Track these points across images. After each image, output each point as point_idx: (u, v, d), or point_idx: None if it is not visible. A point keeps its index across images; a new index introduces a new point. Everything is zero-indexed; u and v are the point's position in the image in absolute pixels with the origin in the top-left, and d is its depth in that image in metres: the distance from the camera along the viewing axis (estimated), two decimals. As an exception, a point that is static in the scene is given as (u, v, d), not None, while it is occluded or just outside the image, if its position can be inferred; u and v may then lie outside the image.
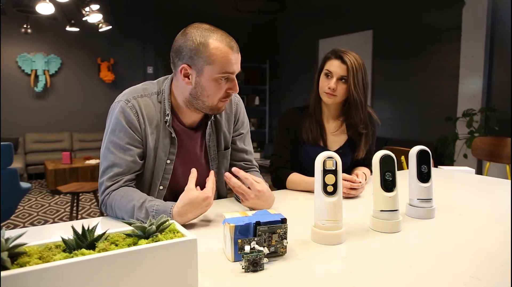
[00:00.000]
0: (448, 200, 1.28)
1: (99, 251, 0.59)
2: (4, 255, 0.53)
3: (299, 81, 6.73)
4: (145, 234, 0.65)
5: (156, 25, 6.62)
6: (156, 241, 0.63)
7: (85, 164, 5.16)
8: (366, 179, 1.46)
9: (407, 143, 2.48)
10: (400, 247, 0.89)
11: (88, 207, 4.41)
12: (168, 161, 1.19)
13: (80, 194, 4.12)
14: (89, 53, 6.31)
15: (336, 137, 1.60)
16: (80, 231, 0.61)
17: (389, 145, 3.52)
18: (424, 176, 1.08)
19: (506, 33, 3.89)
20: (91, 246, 0.60)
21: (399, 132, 5.08)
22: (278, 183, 1.54)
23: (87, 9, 4.29)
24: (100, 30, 4.65)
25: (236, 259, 0.78)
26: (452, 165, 4.01)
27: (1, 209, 2.93)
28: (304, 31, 6.61)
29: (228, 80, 1.11)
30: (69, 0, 4.09)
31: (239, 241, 0.75)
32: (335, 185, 0.89)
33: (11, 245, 0.55)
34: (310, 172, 1.03)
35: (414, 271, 0.75)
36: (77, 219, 3.65)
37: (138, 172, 1.16)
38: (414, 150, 1.10)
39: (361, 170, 1.53)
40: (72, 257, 0.56)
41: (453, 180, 1.67)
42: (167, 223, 0.69)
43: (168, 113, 1.16)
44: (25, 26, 5.23)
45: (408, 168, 1.12)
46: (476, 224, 1.05)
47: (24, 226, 3.69)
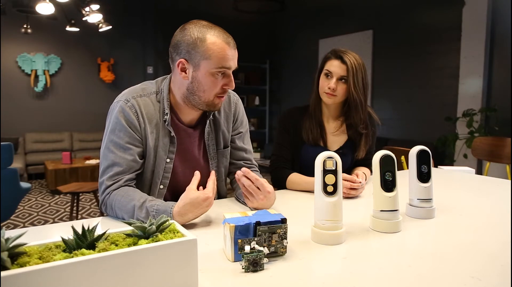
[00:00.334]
0: (448, 200, 1.28)
1: (99, 251, 0.59)
2: (4, 255, 0.53)
3: (299, 81, 6.73)
4: (145, 234, 0.65)
5: (156, 25, 6.62)
6: (156, 241, 0.63)
7: (85, 164, 5.16)
8: (366, 179, 1.46)
9: (407, 143, 2.48)
10: (400, 247, 0.89)
11: (88, 207, 4.41)
12: (168, 160, 1.20)
13: (80, 194, 4.12)
14: (89, 53, 6.31)
15: (336, 137, 1.60)
16: (80, 231, 0.61)
17: (389, 145, 3.52)
18: (424, 176, 1.08)
19: (506, 33, 3.89)
20: (91, 246, 0.60)
21: (399, 132, 5.08)
22: (278, 183, 1.54)
23: (87, 9, 4.29)
24: (100, 30, 4.65)
25: (236, 259, 0.78)
26: (452, 165, 4.00)
27: (1, 209, 2.93)
28: (304, 31, 6.61)
29: (224, 76, 1.12)
30: (69, 0, 4.09)
31: (239, 241, 0.75)
32: (335, 185, 0.89)
33: (11, 245, 0.55)
34: (310, 172, 1.03)
35: (414, 271, 0.75)
36: (77, 219, 3.65)
37: (138, 171, 1.16)
38: (414, 150, 1.10)
39: (361, 170, 1.53)
40: (72, 257, 0.56)
41: (453, 180, 1.67)
42: (167, 223, 0.69)
43: (167, 112, 1.17)
44: (25, 26, 5.23)
45: (408, 168, 1.12)
46: (476, 224, 1.05)
47: (24, 226, 3.70)
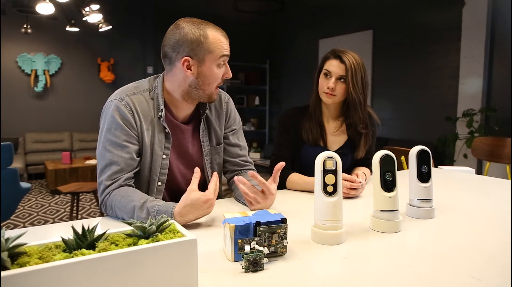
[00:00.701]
0: (448, 200, 1.28)
1: (99, 251, 0.59)
2: (4, 255, 0.53)
3: (299, 81, 6.73)
4: (145, 234, 0.65)
5: (156, 25, 6.62)
6: (156, 241, 0.63)
7: (85, 164, 5.16)
8: (366, 179, 1.46)
9: (407, 143, 2.48)
10: (400, 247, 0.89)
11: (88, 207, 4.41)
12: (164, 156, 1.21)
13: (80, 194, 4.12)
14: (89, 53, 6.31)
15: (336, 137, 1.60)
16: (80, 231, 0.61)
17: (389, 145, 3.52)
18: (424, 176, 1.08)
19: (506, 33, 3.89)
20: (91, 246, 0.60)
21: (399, 132, 5.08)
22: (278, 183, 1.54)
23: (87, 9, 4.29)
24: (100, 30, 4.65)
25: (236, 259, 0.78)
26: (452, 165, 4.00)
27: (1, 209, 2.93)
28: (304, 31, 6.61)
29: (224, 66, 1.18)
30: (69, 0, 4.09)
31: (239, 241, 0.75)
32: (335, 185, 0.89)
33: (11, 245, 0.55)
34: (310, 172, 1.03)
35: (414, 271, 0.75)
36: (77, 219, 3.65)
37: (136, 170, 1.17)
38: (414, 150, 1.10)
39: (361, 170, 1.53)
40: (72, 257, 0.56)
41: (453, 180, 1.67)
42: (167, 223, 0.69)
43: (162, 109, 1.18)
44: (25, 26, 5.23)
45: (408, 168, 1.12)
46: (476, 224, 1.05)
47: (24, 226, 3.69)
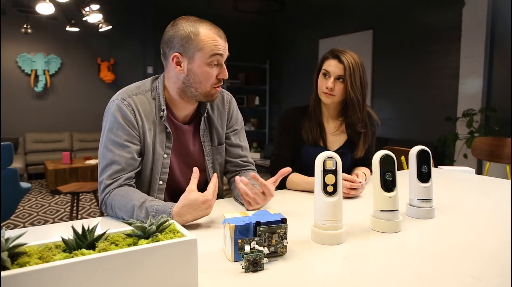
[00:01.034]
0: (448, 200, 1.28)
1: (99, 251, 0.59)
2: (4, 255, 0.53)
3: (299, 81, 6.73)
4: (145, 234, 0.65)
5: (156, 25, 6.61)
6: (156, 241, 0.63)
7: (85, 164, 5.16)
8: (366, 179, 1.46)
9: (407, 143, 2.48)
10: (400, 247, 0.89)
11: (88, 207, 4.41)
12: (165, 156, 1.21)
13: (80, 194, 4.12)
14: (89, 53, 6.31)
15: (336, 137, 1.60)
16: (80, 231, 0.61)
17: (389, 145, 3.52)
18: (424, 176, 1.08)
19: (506, 33, 3.89)
20: (91, 246, 0.60)
21: (399, 132, 5.08)
22: (278, 183, 1.54)
23: (87, 9, 4.29)
24: (100, 30, 4.65)
25: (236, 259, 0.78)
26: (452, 165, 4.00)
27: (1, 209, 2.93)
28: (304, 31, 6.61)
29: (218, 66, 1.15)
30: (69, 0, 4.09)
31: (239, 241, 0.75)
32: (335, 185, 0.89)
33: (11, 245, 0.55)
34: (310, 172, 1.03)
35: (414, 271, 0.75)
36: (77, 219, 3.65)
37: (137, 170, 1.17)
38: (414, 150, 1.10)
39: (361, 170, 1.53)
40: (72, 257, 0.56)
41: (453, 180, 1.67)
42: (167, 223, 0.69)
43: (164, 108, 1.18)
44: (25, 26, 5.23)
45: (408, 168, 1.12)
46: (476, 224, 1.05)
47: (24, 226, 3.69)
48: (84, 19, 4.46)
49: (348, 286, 0.69)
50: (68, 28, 4.93)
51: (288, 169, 1.13)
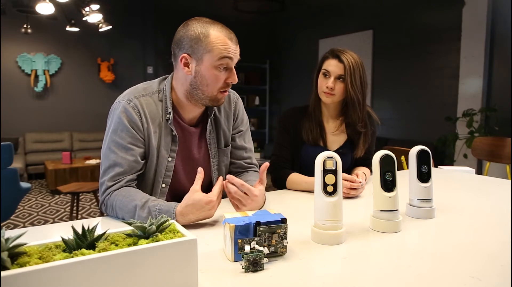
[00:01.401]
0: (448, 200, 1.28)
1: (99, 251, 0.59)
2: (4, 255, 0.53)
3: (299, 81, 6.73)
4: (145, 234, 0.65)
5: (156, 25, 6.62)
6: (156, 241, 0.63)
7: (85, 164, 5.16)
8: (366, 179, 1.46)
9: (407, 143, 2.48)
10: (400, 247, 0.89)
11: (88, 207, 4.41)
12: (170, 159, 1.20)
13: (80, 194, 4.12)
14: (89, 53, 6.31)
15: (336, 137, 1.60)
16: (80, 231, 0.61)
17: (389, 145, 3.52)
18: (424, 176, 1.08)
19: (506, 33, 3.89)
20: (91, 246, 0.60)
21: (399, 132, 5.08)
22: (278, 183, 1.54)
23: (87, 9, 4.29)
24: (100, 30, 4.65)
25: (236, 259, 0.78)
26: (452, 165, 4.00)
27: (1, 209, 2.93)
28: (304, 31, 6.61)
29: (227, 70, 1.12)
30: (69, 0, 4.09)
31: (239, 241, 0.75)
32: (335, 185, 0.89)
33: (11, 245, 0.55)
34: (310, 172, 1.03)
35: (414, 271, 0.75)
36: (77, 219, 3.65)
37: (139, 172, 1.16)
38: (414, 150, 1.10)
39: (361, 170, 1.53)
40: (72, 257, 0.56)
41: (453, 180, 1.67)
42: (167, 223, 0.69)
43: (170, 111, 1.17)
44: (25, 26, 5.23)
45: (408, 168, 1.12)
46: (476, 224, 1.05)
47: (24, 226, 3.69)
48: (84, 19, 4.46)
49: (348, 286, 0.69)
50: (68, 28, 4.93)
51: (266, 164, 1.08)
